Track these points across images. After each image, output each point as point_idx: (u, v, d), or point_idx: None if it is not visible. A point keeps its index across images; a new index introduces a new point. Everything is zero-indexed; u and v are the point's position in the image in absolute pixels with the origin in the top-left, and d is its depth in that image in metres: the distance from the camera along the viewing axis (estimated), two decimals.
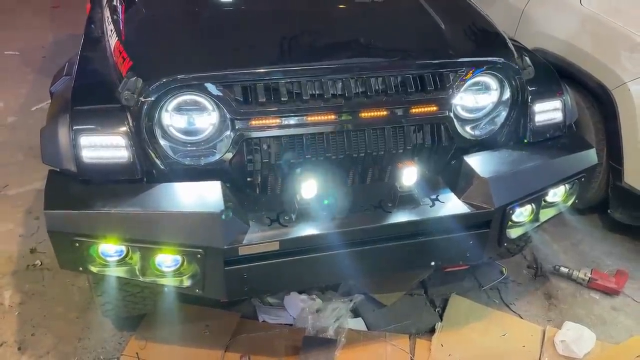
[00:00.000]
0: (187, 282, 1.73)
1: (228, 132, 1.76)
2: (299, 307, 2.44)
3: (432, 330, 2.39)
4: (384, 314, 2.47)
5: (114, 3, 2.17)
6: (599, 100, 2.74)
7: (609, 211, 2.85)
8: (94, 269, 1.68)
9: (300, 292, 2.48)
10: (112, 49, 1.91)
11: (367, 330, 2.40)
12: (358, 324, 2.42)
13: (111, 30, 2.02)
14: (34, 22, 5.25)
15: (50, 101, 3.99)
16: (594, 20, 2.79)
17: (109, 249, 1.67)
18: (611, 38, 2.68)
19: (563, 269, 2.68)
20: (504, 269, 2.72)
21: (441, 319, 2.44)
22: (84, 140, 1.66)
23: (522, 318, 2.48)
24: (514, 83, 1.95)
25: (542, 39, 2.97)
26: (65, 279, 2.56)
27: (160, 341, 2.24)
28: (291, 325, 2.39)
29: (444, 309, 2.49)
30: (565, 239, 2.94)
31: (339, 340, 2.27)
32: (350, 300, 2.47)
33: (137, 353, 2.19)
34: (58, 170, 1.75)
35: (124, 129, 1.69)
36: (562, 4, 2.98)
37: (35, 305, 2.42)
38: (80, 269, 1.68)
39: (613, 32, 2.68)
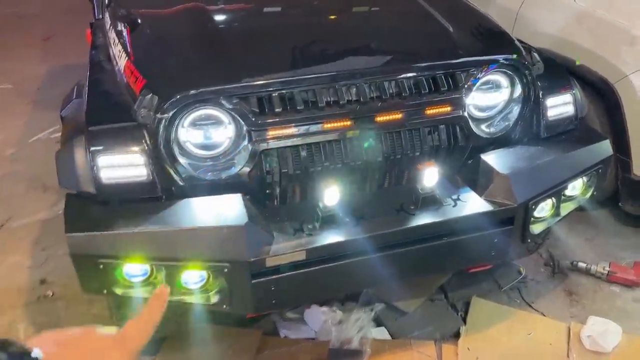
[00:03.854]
0: (214, 299, 1.69)
1: (245, 145, 1.75)
2: (320, 319, 2.40)
3: (456, 335, 2.36)
4: (407, 322, 2.43)
5: (119, 26, 2.17)
6: (601, 94, 2.76)
7: (619, 204, 2.85)
8: (118, 291, 1.65)
9: (320, 305, 2.44)
10: (122, 69, 1.90)
11: (391, 339, 2.36)
12: (381, 333, 2.39)
13: (119, 51, 2.01)
14: (26, 55, 5.23)
15: (51, 129, 3.98)
16: (589, 16, 2.83)
17: (134, 269, 1.64)
18: (609, 33, 2.72)
19: (581, 265, 2.67)
20: (521, 268, 2.70)
21: (465, 323, 2.41)
22: (102, 160, 1.64)
23: (545, 316, 2.46)
24: (524, 79, 1.97)
25: (539, 38, 3.00)
26: (79, 308, 2.51)
27: None
28: (313, 338, 2.35)
29: (466, 313, 2.46)
30: (579, 235, 2.94)
31: (365, 350, 2.24)
32: (372, 310, 2.43)
33: None
34: (75, 193, 1.72)
35: (141, 147, 1.67)
36: (557, 3, 3.03)
37: None
38: (105, 291, 1.65)
39: (610, 27, 2.72)
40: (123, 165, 1.66)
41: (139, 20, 2.09)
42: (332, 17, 2.12)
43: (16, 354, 0.61)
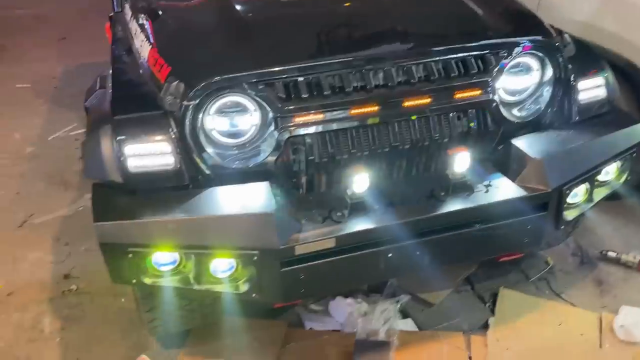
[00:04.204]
0: (243, 287, 1.67)
1: (271, 132, 1.72)
2: (345, 311, 2.37)
3: (484, 326, 2.32)
4: (434, 313, 2.40)
5: (140, 16, 2.15)
6: (628, 78, 2.70)
7: None
8: (147, 280, 1.63)
9: (345, 296, 2.41)
10: (146, 59, 1.88)
11: (418, 330, 2.33)
12: (408, 325, 2.35)
13: (141, 41, 1.99)
14: (42, 55, 5.25)
15: (69, 127, 4.00)
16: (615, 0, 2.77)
17: (162, 258, 1.62)
18: (636, 16, 2.66)
19: (611, 254, 2.61)
20: (549, 258, 2.65)
21: (493, 314, 2.37)
22: (129, 149, 1.62)
23: (575, 306, 2.41)
24: (555, 61, 1.92)
25: (563, 24, 2.93)
26: (104, 301, 2.50)
27: (210, 356, 2.17)
28: (339, 330, 2.33)
29: (494, 304, 2.42)
30: (607, 224, 2.87)
31: (392, 342, 2.20)
32: (397, 302, 2.40)
33: None
34: (101, 182, 1.70)
35: (168, 135, 1.65)
36: None
37: (76, 330, 2.36)
38: (134, 281, 1.63)
39: (638, 10, 2.65)
40: (150, 153, 1.64)
41: (161, 10, 2.07)
42: (356, 1, 2.09)
43: None
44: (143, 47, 1.97)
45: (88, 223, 2.95)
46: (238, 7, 1.96)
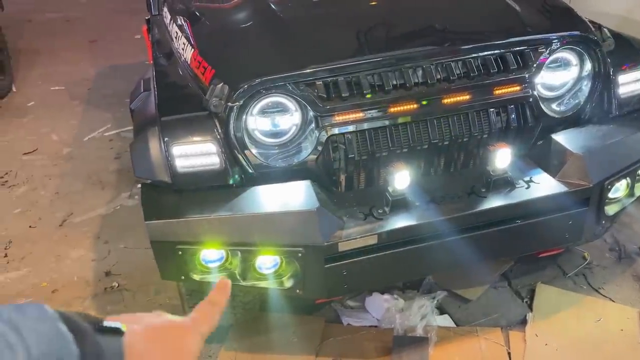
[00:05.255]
0: (287, 283, 1.71)
1: (312, 131, 1.75)
2: (382, 307, 2.39)
3: (522, 322, 2.31)
4: (471, 309, 2.41)
5: (179, 19, 2.20)
6: None
7: None
8: (195, 276, 1.68)
9: (381, 292, 2.44)
10: (189, 61, 1.93)
11: (455, 326, 2.34)
12: (445, 321, 2.36)
13: (183, 44, 2.04)
14: (74, 57, 5.38)
15: (104, 128, 4.09)
16: None
17: (210, 255, 1.66)
18: None
19: None
20: (586, 254, 2.63)
21: (531, 310, 2.36)
22: (177, 150, 1.67)
23: (614, 302, 2.39)
24: (594, 56, 1.91)
25: (598, 17, 2.90)
26: (145, 297, 2.57)
27: (250, 351, 2.21)
28: (376, 326, 2.35)
29: (531, 300, 2.41)
30: None
31: (431, 337, 2.22)
32: (434, 298, 2.41)
33: None
34: (149, 182, 1.75)
35: (213, 135, 1.70)
36: None
37: None
38: (182, 277, 1.68)
39: None
40: (196, 154, 1.68)
41: (199, 11, 2.12)
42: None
43: (99, 325, 0.63)
44: (184, 49, 2.02)
45: (126, 222, 3.09)
46: (275, 7, 2.00)
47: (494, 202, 1.76)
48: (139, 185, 1.78)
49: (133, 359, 0.64)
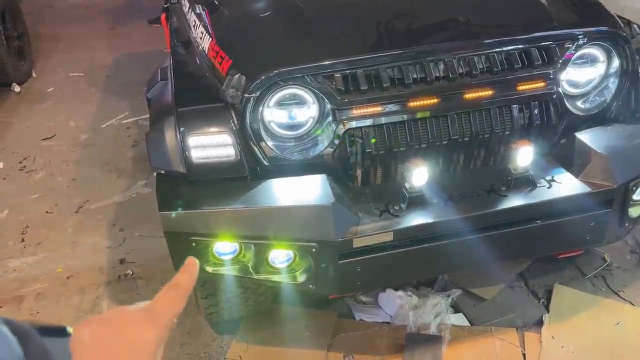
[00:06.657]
0: (300, 278, 1.69)
1: (329, 124, 1.72)
2: (396, 304, 2.37)
3: (538, 323, 2.27)
4: (486, 308, 2.37)
5: (198, 8, 2.18)
6: None
7: None
8: (209, 268, 1.67)
9: (395, 289, 2.41)
10: (206, 51, 1.91)
11: (470, 325, 2.30)
12: (459, 320, 2.33)
13: (201, 33, 2.02)
14: (93, 44, 5.40)
15: (122, 115, 4.11)
16: None
17: (224, 247, 1.65)
18: None
19: None
20: (606, 255, 2.57)
21: (547, 311, 2.32)
22: (192, 140, 1.65)
23: (634, 305, 2.34)
24: (622, 52, 1.84)
25: (628, 13, 2.82)
26: (159, 286, 2.53)
27: (262, 343, 2.21)
28: (388, 322, 2.33)
29: (548, 300, 2.37)
30: None
31: (444, 336, 2.19)
32: (449, 296, 2.38)
33: (240, 356, 2.17)
34: (164, 172, 1.74)
35: (229, 127, 1.68)
36: None
37: None
38: None
39: None
40: (212, 145, 1.66)
41: (220, 0, 2.09)
42: None
43: (44, 327, 0.63)
44: (202, 38, 2.00)
45: (141, 210, 3.10)
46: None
47: (514, 201, 1.71)
48: (155, 174, 1.77)
49: (82, 356, 0.60)
